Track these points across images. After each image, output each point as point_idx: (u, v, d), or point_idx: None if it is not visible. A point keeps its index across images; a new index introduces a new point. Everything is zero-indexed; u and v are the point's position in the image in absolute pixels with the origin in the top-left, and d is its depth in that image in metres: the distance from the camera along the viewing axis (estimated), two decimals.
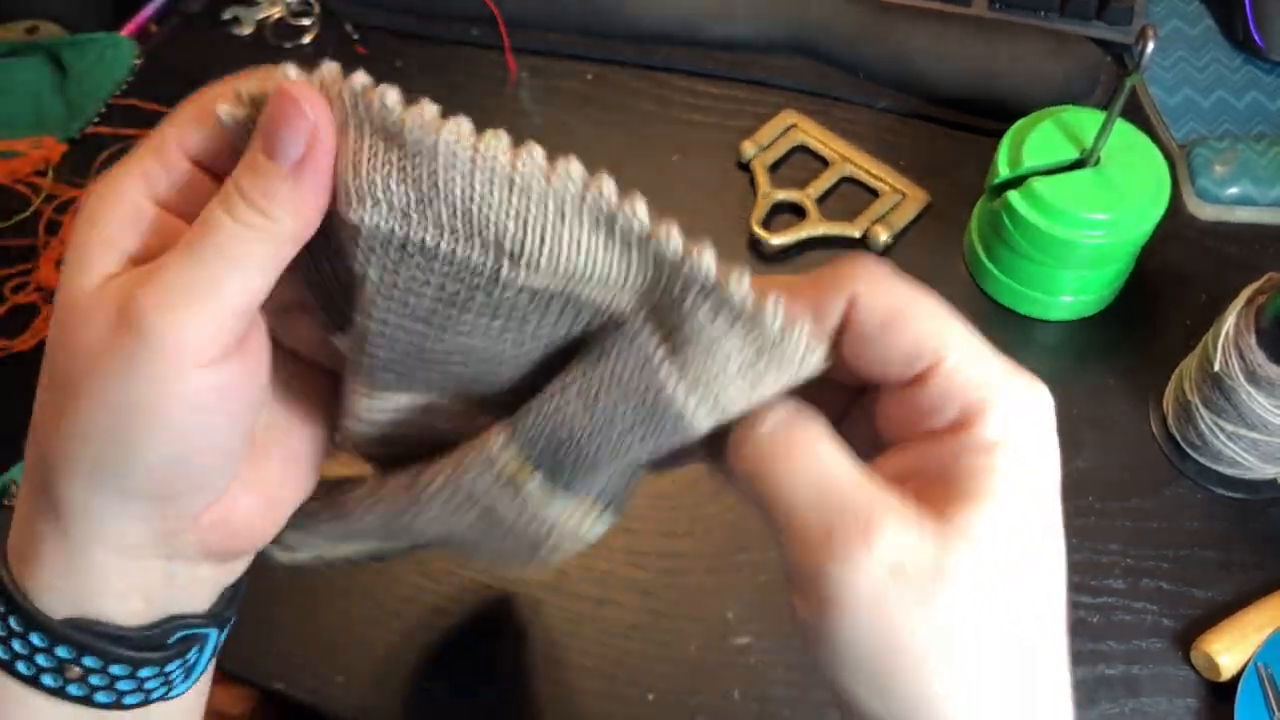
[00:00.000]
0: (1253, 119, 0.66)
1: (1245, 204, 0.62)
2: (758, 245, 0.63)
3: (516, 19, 0.72)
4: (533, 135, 0.75)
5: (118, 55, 0.72)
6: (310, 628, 0.51)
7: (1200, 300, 0.60)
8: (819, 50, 0.69)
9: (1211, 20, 0.70)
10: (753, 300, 0.26)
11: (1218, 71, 0.67)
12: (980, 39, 0.67)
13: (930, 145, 0.67)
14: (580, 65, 0.72)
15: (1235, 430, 0.50)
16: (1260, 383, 0.48)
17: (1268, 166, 0.62)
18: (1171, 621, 0.50)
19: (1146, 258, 0.59)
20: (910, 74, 0.68)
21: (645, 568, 0.53)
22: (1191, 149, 0.64)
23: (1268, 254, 0.61)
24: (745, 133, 0.67)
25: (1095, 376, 0.58)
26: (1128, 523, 0.53)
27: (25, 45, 0.71)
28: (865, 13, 0.69)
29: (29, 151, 0.68)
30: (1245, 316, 0.48)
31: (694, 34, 0.70)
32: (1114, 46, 0.69)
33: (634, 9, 0.70)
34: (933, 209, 0.64)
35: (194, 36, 0.75)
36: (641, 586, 0.52)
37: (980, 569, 0.25)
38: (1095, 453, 0.55)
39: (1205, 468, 0.54)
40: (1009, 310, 0.60)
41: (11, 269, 0.63)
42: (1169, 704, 0.48)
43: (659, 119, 0.69)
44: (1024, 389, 0.26)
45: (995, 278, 0.59)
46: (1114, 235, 0.54)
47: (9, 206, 0.66)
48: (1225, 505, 0.53)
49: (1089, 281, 0.57)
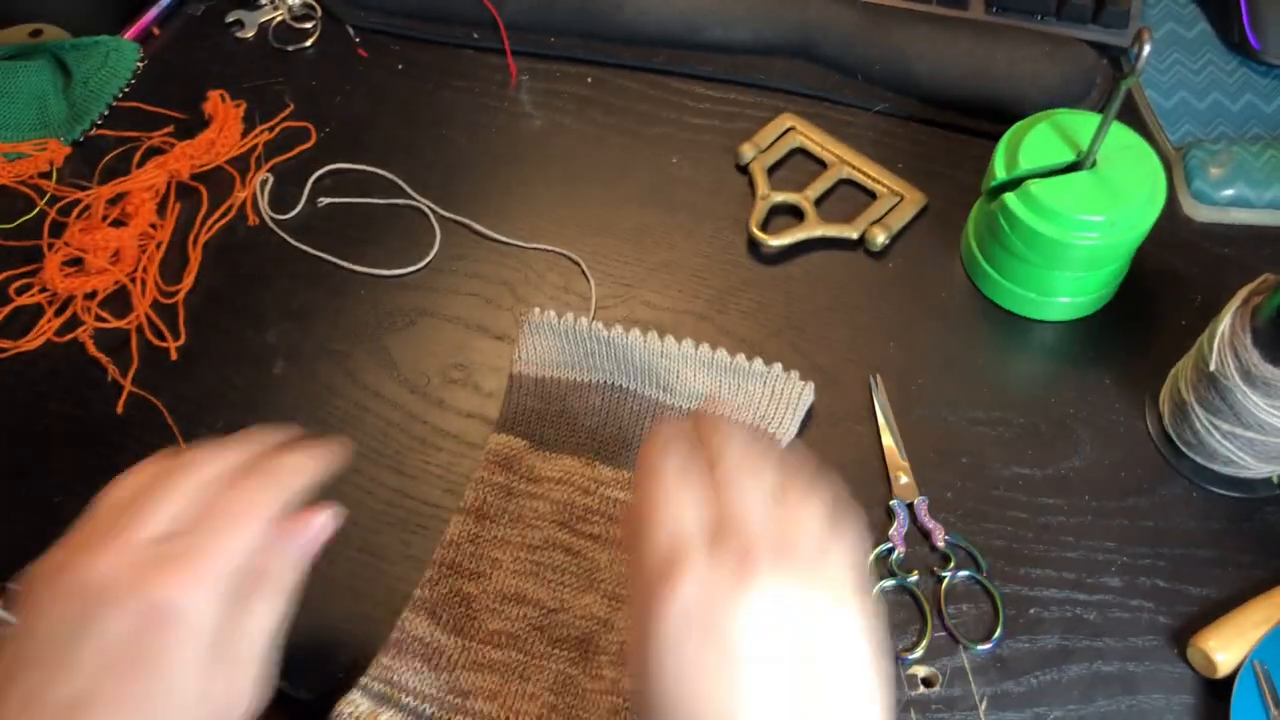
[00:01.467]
0: (1248, 121, 0.66)
1: (1240, 206, 0.63)
2: (756, 247, 0.63)
3: (517, 23, 0.72)
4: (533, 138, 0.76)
5: (121, 58, 0.72)
6: (312, 627, 0.51)
7: (1196, 301, 0.60)
8: (817, 53, 0.70)
9: (1207, 23, 0.70)
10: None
11: (1213, 74, 0.68)
12: (977, 42, 0.67)
13: (927, 148, 0.67)
14: (580, 68, 0.72)
15: (1231, 429, 0.51)
16: (1255, 382, 0.48)
17: (1263, 168, 0.62)
18: (1168, 619, 0.51)
19: (1142, 259, 0.59)
20: (908, 77, 0.68)
21: None
22: (1187, 151, 0.64)
23: (1263, 255, 0.62)
24: (744, 135, 0.67)
25: (1092, 377, 0.58)
26: (1124, 521, 0.53)
27: (29, 48, 0.71)
28: (863, 16, 0.69)
29: (33, 154, 0.68)
30: (1241, 317, 0.49)
31: (693, 37, 0.71)
32: (1110, 49, 0.69)
33: (633, 13, 0.71)
34: (930, 211, 0.64)
35: (196, 39, 0.75)
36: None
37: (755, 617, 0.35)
38: (1092, 452, 0.56)
39: (1201, 467, 0.54)
40: (1006, 311, 0.60)
41: (15, 270, 0.64)
42: (1166, 701, 0.49)
43: (658, 121, 0.69)
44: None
45: (992, 279, 0.60)
46: (1110, 237, 0.54)
47: (13, 208, 0.67)
48: (1221, 504, 0.54)
49: (1085, 283, 0.57)
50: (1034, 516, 0.54)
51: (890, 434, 0.56)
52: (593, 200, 0.66)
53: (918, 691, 0.49)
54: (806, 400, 0.56)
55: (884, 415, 0.57)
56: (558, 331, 0.58)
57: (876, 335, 0.60)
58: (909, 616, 0.51)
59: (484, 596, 0.51)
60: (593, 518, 0.53)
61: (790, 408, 0.56)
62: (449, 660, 0.50)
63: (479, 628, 0.50)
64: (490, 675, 0.49)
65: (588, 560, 0.52)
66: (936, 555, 0.53)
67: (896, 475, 0.55)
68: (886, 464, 0.55)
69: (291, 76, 0.73)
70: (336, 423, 0.58)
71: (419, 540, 0.54)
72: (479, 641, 0.50)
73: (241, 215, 0.66)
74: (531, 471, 0.55)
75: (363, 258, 0.64)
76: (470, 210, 0.65)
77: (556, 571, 0.52)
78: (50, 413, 0.59)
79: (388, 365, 0.60)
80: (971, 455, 0.56)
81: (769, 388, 0.57)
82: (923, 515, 0.53)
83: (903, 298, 0.61)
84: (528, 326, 0.59)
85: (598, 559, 0.52)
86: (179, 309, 0.62)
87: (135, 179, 0.66)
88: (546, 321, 0.59)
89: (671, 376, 0.57)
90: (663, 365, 0.57)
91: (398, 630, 0.50)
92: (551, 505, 0.54)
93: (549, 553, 0.52)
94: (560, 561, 0.52)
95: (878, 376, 0.58)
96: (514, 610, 0.51)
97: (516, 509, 0.54)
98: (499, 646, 0.50)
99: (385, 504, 0.55)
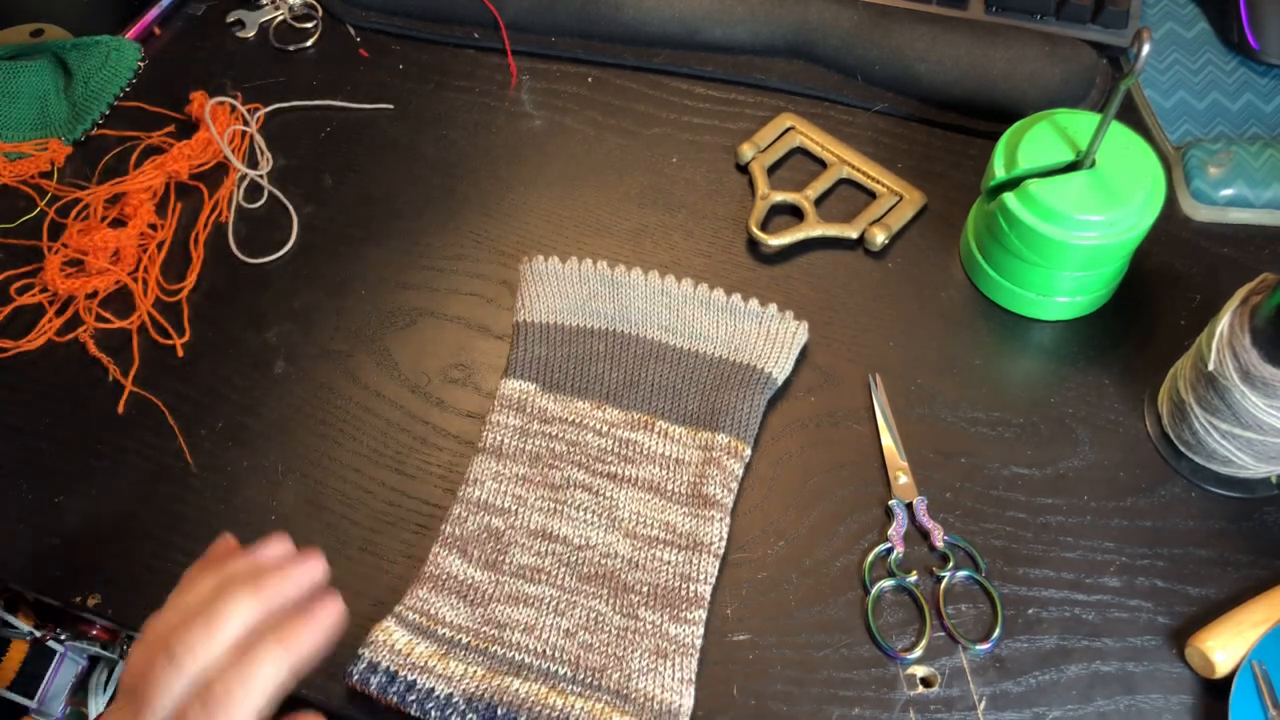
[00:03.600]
0: (1247, 121, 0.66)
1: (1239, 205, 0.63)
2: (756, 247, 0.63)
3: (517, 23, 0.72)
4: (533, 137, 0.76)
5: (122, 58, 0.72)
6: None
7: (1195, 301, 0.60)
8: (817, 53, 0.70)
9: (1206, 23, 0.70)
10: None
11: (1212, 74, 0.68)
12: (977, 42, 0.67)
13: (927, 148, 0.67)
14: (580, 68, 0.72)
15: (1229, 429, 0.51)
16: (1254, 382, 0.48)
17: (1262, 168, 0.62)
18: (1167, 619, 0.51)
19: (1141, 259, 0.59)
20: (907, 77, 0.68)
21: None
22: (1186, 151, 0.64)
23: (1262, 255, 0.62)
24: (744, 135, 0.67)
25: (1091, 376, 0.58)
26: (1123, 521, 0.53)
27: (31, 48, 0.71)
28: (863, 16, 0.69)
29: (34, 154, 0.68)
30: (1240, 316, 0.49)
31: (693, 37, 0.71)
32: (1109, 49, 0.69)
33: (633, 13, 0.71)
34: (930, 211, 0.64)
35: (197, 39, 0.75)
36: None
37: None
38: (1090, 452, 0.56)
39: (1200, 467, 0.54)
40: (1005, 310, 0.60)
41: (17, 270, 0.64)
42: (1164, 701, 0.49)
43: (658, 121, 0.69)
44: None
45: (991, 278, 0.60)
46: (1109, 236, 0.54)
47: (15, 208, 0.67)
48: (1220, 504, 0.54)
49: (1084, 282, 0.57)
50: (1033, 516, 0.54)
51: (889, 434, 0.56)
52: (592, 200, 0.66)
53: (916, 691, 0.49)
54: (801, 339, 0.59)
55: (883, 415, 0.57)
56: (560, 276, 0.61)
57: (876, 335, 0.60)
58: (908, 617, 0.51)
59: (512, 532, 0.53)
60: (608, 458, 0.55)
61: (785, 347, 0.58)
62: (483, 595, 0.51)
63: (510, 562, 0.52)
64: (526, 609, 0.51)
65: (607, 499, 0.54)
66: (935, 555, 0.53)
67: (895, 475, 0.55)
68: (886, 464, 0.55)
69: (292, 76, 0.73)
70: (336, 422, 0.58)
71: (419, 540, 0.54)
72: (511, 575, 0.52)
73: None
74: (544, 413, 0.57)
75: (363, 257, 0.64)
76: (470, 210, 0.66)
77: (580, 510, 0.54)
78: (51, 413, 0.59)
79: (388, 365, 0.60)
80: (970, 455, 0.56)
81: (764, 327, 0.59)
82: (922, 515, 0.53)
83: (903, 298, 0.61)
84: (529, 273, 0.61)
85: (616, 498, 0.54)
86: (183, 307, 0.62)
87: (133, 179, 0.66)
88: (550, 268, 0.61)
89: (672, 316, 0.59)
90: (663, 304, 0.60)
91: (431, 564, 0.52)
92: (567, 446, 0.56)
93: (570, 492, 0.54)
94: (582, 500, 0.54)
95: (877, 376, 0.58)
96: (543, 546, 0.53)
97: (534, 449, 0.56)
98: (532, 581, 0.52)
99: (385, 504, 0.55)
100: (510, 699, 0.47)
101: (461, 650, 0.49)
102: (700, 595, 0.51)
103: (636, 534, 0.53)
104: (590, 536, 0.53)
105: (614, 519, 0.53)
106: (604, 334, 0.59)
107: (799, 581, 0.52)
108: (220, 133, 0.68)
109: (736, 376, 0.57)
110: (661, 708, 0.47)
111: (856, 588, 0.52)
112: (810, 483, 0.55)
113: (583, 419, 0.56)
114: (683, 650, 0.49)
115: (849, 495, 0.55)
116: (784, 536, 0.53)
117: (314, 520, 0.55)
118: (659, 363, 0.58)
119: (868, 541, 0.53)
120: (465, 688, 0.48)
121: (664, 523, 0.53)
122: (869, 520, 0.54)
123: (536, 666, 0.49)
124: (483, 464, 0.55)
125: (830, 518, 0.54)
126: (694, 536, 0.52)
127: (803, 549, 0.53)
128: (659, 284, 0.60)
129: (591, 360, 0.58)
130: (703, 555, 0.52)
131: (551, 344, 0.59)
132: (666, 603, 0.50)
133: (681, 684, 0.48)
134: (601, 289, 0.60)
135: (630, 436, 0.56)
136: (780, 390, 0.58)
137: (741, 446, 0.55)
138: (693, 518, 0.53)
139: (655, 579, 0.51)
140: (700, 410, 0.56)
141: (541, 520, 0.53)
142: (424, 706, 0.47)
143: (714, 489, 0.53)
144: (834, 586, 0.52)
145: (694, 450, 0.55)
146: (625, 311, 0.60)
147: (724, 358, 0.58)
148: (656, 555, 0.52)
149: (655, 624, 0.50)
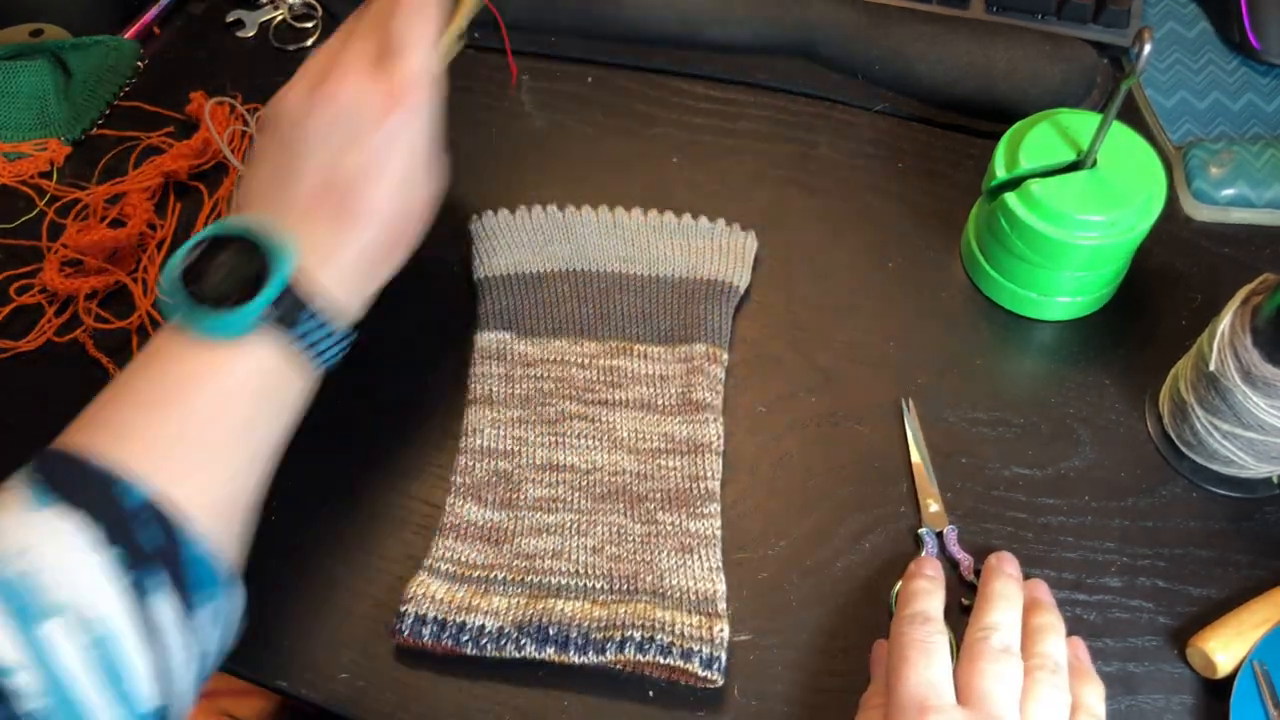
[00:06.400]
0: (1248, 121, 0.66)
1: (1241, 205, 0.63)
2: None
3: (518, 22, 0.72)
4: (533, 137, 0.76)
5: (121, 57, 0.72)
6: (313, 626, 0.52)
7: (1196, 301, 0.60)
8: (817, 53, 0.70)
9: (1208, 23, 0.70)
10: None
11: (1214, 74, 0.68)
12: (977, 41, 0.67)
13: (928, 147, 0.67)
14: (580, 68, 0.72)
15: (1230, 430, 0.51)
16: (1255, 382, 0.48)
17: (1263, 168, 0.62)
18: (1168, 619, 0.51)
19: (1143, 259, 0.59)
20: (908, 76, 0.68)
21: None
22: (1187, 151, 0.64)
23: (1263, 255, 0.62)
24: (744, 135, 0.67)
25: (1091, 376, 0.58)
26: (1124, 521, 0.53)
27: (29, 48, 0.71)
28: (863, 16, 0.69)
29: (34, 153, 0.68)
30: (1241, 316, 0.49)
31: (693, 37, 0.71)
32: (1110, 49, 0.69)
33: (634, 12, 0.71)
34: (930, 211, 0.64)
35: (197, 39, 0.75)
36: None
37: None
38: (1091, 452, 0.56)
39: (1201, 467, 0.54)
40: (1006, 311, 0.60)
41: (16, 270, 0.64)
42: (1165, 701, 0.49)
43: (658, 121, 0.69)
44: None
45: (992, 279, 0.60)
46: (1110, 236, 0.54)
47: (14, 208, 0.67)
48: (1221, 504, 0.54)
49: (1085, 282, 0.57)
50: (1034, 517, 0.54)
51: (922, 459, 0.55)
52: (592, 200, 0.66)
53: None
54: (752, 248, 0.62)
55: (914, 440, 0.55)
56: (513, 226, 0.62)
57: (876, 335, 0.60)
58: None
59: (520, 470, 0.54)
60: (596, 387, 0.57)
61: (739, 259, 0.61)
62: (506, 532, 0.52)
63: (525, 497, 0.53)
64: (550, 537, 0.52)
65: (604, 423, 0.56)
66: (965, 588, 0.51)
67: (926, 503, 0.53)
68: (916, 490, 0.54)
69: (293, 76, 0.72)
70: (334, 422, 0.58)
71: (419, 540, 0.54)
72: (529, 509, 0.53)
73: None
74: (525, 358, 0.58)
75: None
76: (469, 210, 0.65)
77: (580, 438, 0.55)
78: (51, 413, 0.59)
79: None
80: (971, 456, 0.56)
81: (716, 242, 0.62)
82: (953, 545, 0.52)
83: (903, 298, 0.61)
84: (481, 230, 0.62)
85: (613, 420, 0.56)
86: None
87: (132, 179, 0.66)
88: (501, 220, 0.62)
89: (629, 247, 0.61)
90: (618, 237, 0.62)
91: (449, 515, 0.53)
92: (554, 383, 0.57)
93: (567, 423, 0.55)
94: (580, 429, 0.55)
95: (910, 401, 0.57)
96: (553, 477, 0.54)
97: (523, 392, 0.57)
98: (549, 511, 0.53)
99: (385, 504, 0.55)
100: (558, 618, 0.48)
101: (500, 585, 0.50)
102: (711, 490, 0.53)
103: (639, 449, 0.55)
104: (596, 460, 0.54)
105: (614, 440, 0.55)
106: (566, 275, 0.60)
107: (800, 582, 0.52)
108: (220, 133, 0.68)
109: (701, 291, 0.59)
110: (699, 596, 0.49)
111: (858, 588, 0.52)
112: (811, 483, 0.55)
113: (563, 356, 0.58)
114: (705, 542, 0.51)
115: (850, 496, 0.55)
116: (784, 537, 0.53)
117: (313, 520, 0.55)
118: (624, 293, 0.60)
119: (869, 542, 0.53)
120: (514, 617, 0.49)
121: (662, 434, 0.55)
122: (870, 520, 0.54)
123: (574, 585, 0.50)
124: (477, 413, 0.56)
125: (831, 518, 0.54)
126: (693, 440, 0.54)
127: (803, 549, 0.53)
128: (609, 218, 0.62)
129: (559, 302, 0.59)
130: (706, 454, 0.54)
131: (516, 294, 0.60)
132: (681, 503, 0.52)
133: (711, 571, 0.50)
134: (555, 232, 0.62)
135: (613, 364, 0.57)
136: (780, 390, 0.58)
137: (719, 351, 0.57)
138: (688, 424, 0.55)
139: (665, 485, 0.53)
140: (673, 327, 0.58)
141: (546, 454, 0.55)
142: (479, 644, 0.48)
143: (702, 394, 0.55)
144: (835, 587, 0.52)
145: (675, 364, 0.57)
146: (582, 249, 0.61)
147: (685, 277, 0.60)
148: (662, 464, 0.54)
149: (675, 524, 0.52)
